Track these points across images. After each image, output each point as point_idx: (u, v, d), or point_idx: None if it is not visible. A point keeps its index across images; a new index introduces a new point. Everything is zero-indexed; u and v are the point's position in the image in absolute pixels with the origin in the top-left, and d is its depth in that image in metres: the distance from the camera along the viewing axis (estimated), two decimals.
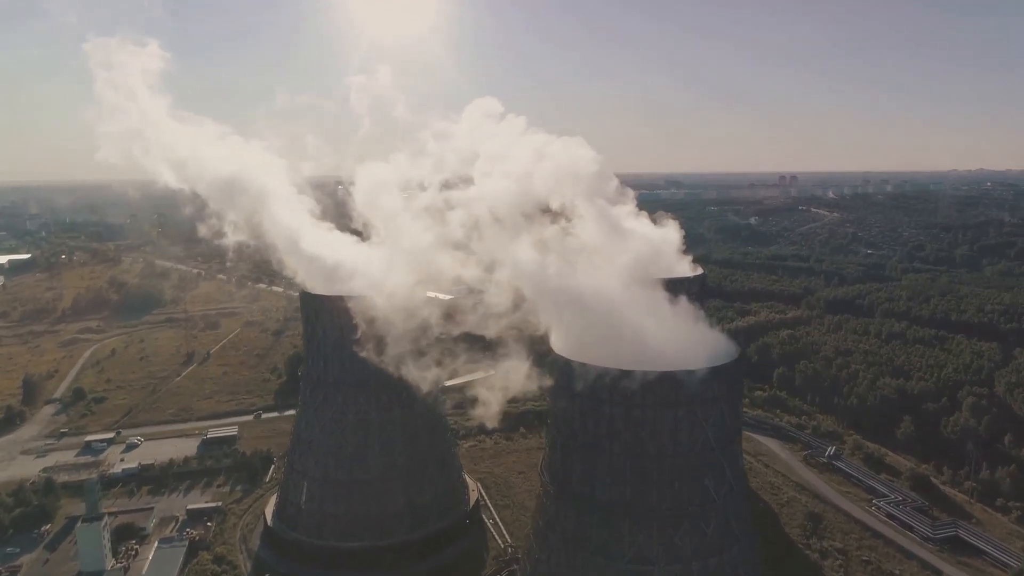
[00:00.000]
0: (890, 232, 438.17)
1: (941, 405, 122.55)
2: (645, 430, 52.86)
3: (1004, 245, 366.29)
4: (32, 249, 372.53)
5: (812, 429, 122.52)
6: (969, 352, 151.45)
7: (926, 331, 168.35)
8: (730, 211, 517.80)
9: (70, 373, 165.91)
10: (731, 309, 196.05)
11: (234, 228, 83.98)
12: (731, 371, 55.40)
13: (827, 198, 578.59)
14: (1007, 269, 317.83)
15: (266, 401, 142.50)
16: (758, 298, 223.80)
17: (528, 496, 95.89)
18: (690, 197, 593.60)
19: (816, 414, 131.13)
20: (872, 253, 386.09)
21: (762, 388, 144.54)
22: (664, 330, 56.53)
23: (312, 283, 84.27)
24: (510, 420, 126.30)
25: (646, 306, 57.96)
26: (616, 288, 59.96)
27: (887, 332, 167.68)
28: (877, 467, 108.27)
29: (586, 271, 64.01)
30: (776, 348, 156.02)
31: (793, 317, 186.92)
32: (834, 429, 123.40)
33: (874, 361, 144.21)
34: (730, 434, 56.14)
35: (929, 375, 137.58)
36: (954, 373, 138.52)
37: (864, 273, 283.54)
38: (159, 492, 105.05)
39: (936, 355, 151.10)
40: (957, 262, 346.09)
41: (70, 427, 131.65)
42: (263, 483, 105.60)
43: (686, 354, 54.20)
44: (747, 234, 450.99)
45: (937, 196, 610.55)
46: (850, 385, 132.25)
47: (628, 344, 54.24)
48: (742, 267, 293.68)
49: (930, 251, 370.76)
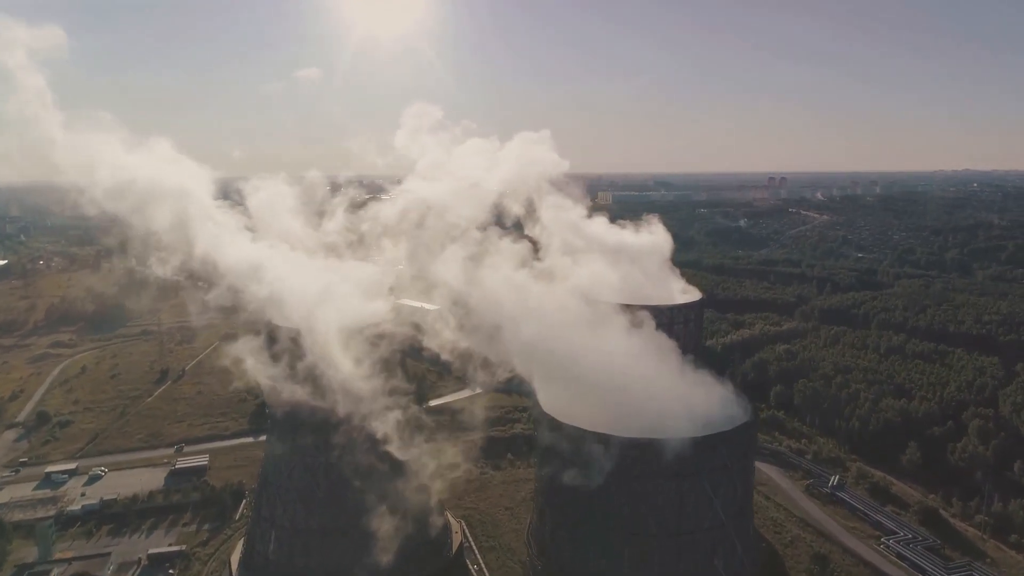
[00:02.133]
0: (880, 235, 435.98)
1: (946, 429, 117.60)
2: (645, 504, 46.86)
3: (995, 248, 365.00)
4: (9, 254, 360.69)
5: (813, 454, 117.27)
6: (971, 368, 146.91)
7: (925, 345, 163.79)
8: (719, 213, 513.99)
9: (36, 393, 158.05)
10: (725, 321, 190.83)
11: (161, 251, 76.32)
12: (742, 436, 49.45)
13: (816, 200, 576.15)
14: (999, 274, 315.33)
15: (240, 425, 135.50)
16: (751, 308, 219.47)
17: (515, 537, 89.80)
18: (680, 199, 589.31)
19: (816, 437, 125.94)
20: (863, 257, 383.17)
21: (759, 408, 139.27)
22: (666, 389, 50.40)
23: (271, 311, 77.51)
24: (497, 446, 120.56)
25: (645, 362, 51.77)
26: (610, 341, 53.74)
27: (885, 346, 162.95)
28: (883, 498, 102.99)
29: (574, 319, 57.66)
30: (773, 365, 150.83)
31: (789, 329, 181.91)
32: (836, 454, 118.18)
33: (874, 379, 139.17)
34: (741, 504, 50.23)
35: (931, 394, 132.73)
36: (957, 392, 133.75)
37: (856, 279, 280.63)
38: (120, 532, 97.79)
39: (937, 371, 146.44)
40: (948, 266, 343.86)
41: (31, 455, 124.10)
42: (232, 522, 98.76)
43: (692, 415, 48.12)
44: (737, 237, 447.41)
45: (925, 198, 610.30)
46: (851, 406, 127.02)
47: (626, 405, 48.09)
48: (733, 273, 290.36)
49: (921, 255, 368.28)
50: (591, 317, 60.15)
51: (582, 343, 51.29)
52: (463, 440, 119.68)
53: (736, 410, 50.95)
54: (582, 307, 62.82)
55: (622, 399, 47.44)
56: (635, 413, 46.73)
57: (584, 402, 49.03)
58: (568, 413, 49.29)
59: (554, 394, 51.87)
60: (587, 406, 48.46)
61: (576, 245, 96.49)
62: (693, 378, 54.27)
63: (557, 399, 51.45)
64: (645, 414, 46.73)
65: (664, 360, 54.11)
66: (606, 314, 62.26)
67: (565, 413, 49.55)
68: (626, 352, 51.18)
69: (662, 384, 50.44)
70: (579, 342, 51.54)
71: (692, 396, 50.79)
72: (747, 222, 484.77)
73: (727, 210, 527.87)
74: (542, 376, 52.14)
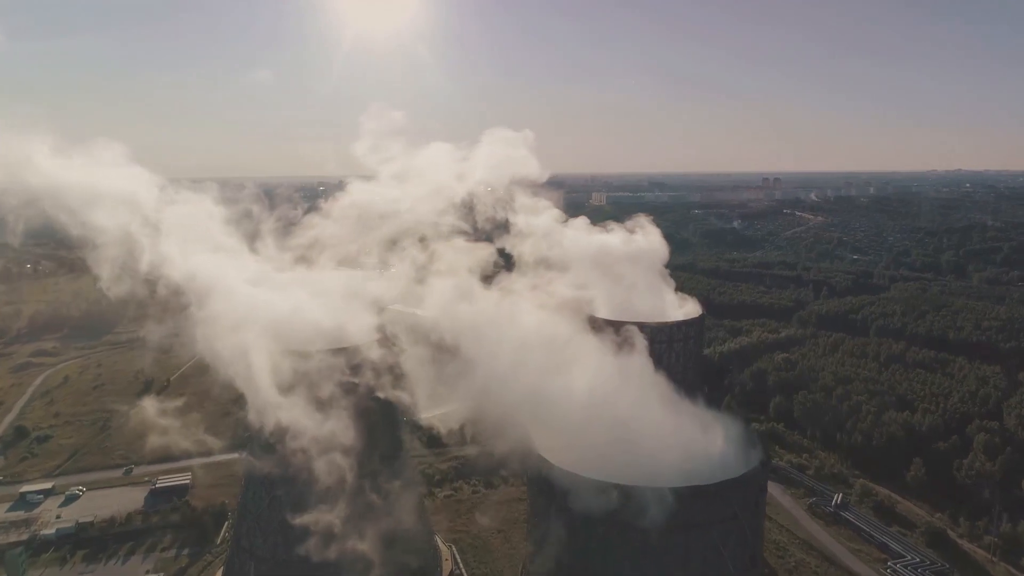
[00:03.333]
0: (875, 236, 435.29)
1: (951, 444, 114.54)
2: (648, 559, 43.20)
3: (989, 251, 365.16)
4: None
5: (815, 470, 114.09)
6: (973, 378, 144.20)
7: (925, 353, 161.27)
8: (714, 214, 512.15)
9: (16, 405, 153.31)
10: (722, 328, 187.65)
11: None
12: (754, 481, 45.90)
13: (810, 201, 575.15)
14: (994, 276, 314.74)
15: (224, 440, 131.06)
16: (748, 313, 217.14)
17: (508, 563, 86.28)
18: (674, 200, 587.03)
19: (818, 451, 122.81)
20: (858, 259, 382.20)
21: (758, 420, 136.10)
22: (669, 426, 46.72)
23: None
24: (490, 461, 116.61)
25: (644, 394, 48.06)
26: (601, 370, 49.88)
27: (885, 354, 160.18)
28: (888, 517, 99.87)
29: (554, 346, 53.56)
30: (772, 375, 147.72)
31: (787, 336, 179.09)
32: (838, 469, 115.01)
33: (876, 390, 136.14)
34: (753, 556, 46.70)
35: (934, 406, 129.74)
36: (960, 404, 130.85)
37: (853, 282, 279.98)
38: (96, 558, 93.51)
39: (939, 381, 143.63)
40: (943, 268, 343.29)
41: (5, 474, 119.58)
42: (213, 546, 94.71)
43: (697, 457, 44.50)
44: (732, 239, 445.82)
45: (919, 199, 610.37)
46: (853, 420, 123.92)
47: (626, 450, 44.40)
48: (729, 276, 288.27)
49: (916, 257, 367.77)
50: (575, 341, 56.33)
51: (567, 376, 47.48)
52: (453, 456, 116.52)
53: (744, 449, 47.30)
54: (562, 329, 58.97)
55: (619, 439, 43.69)
56: (635, 456, 42.97)
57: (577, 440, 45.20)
58: (561, 452, 45.48)
59: (544, 429, 47.97)
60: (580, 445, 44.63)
61: (558, 255, 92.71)
62: (696, 412, 50.64)
63: (548, 433, 47.55)
64: (647, 457, 43.03)
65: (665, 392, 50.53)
66: (592, 337, 58.45)
67: (558, 453, 45.78)
68: (620, 384, 47.42)
69: (664, 421, 46.74)
70: (563, 375, 47.69)
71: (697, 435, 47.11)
72: (741, 223, 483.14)
73: (721, 211, 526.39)
74: (527, 414, 48.31)
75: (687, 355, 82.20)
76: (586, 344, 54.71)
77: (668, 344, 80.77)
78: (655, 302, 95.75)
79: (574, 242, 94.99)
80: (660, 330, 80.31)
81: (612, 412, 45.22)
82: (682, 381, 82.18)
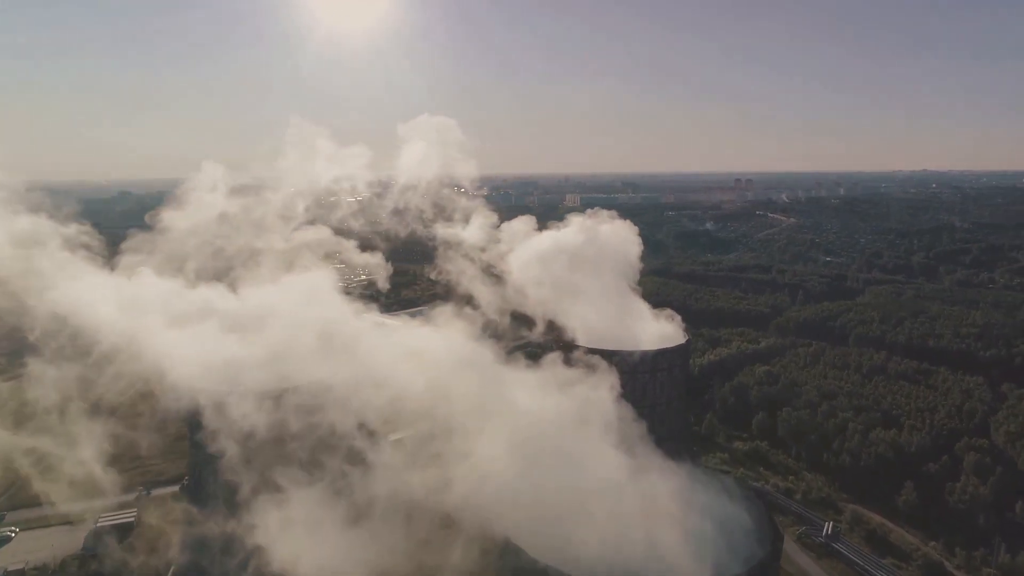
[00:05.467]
0: (847, 238, 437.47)
1: (942, 465, 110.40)
2: None
3: (959, 252, 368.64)
4: None
5: (803, 494, 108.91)
6: (957, 391, 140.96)
7: (908, 363, 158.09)
8: (686, 216, 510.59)
9: None
10: (700, 338, 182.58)
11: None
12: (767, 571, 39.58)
13: (782, 202, 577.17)
14: (965, 278, 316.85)
15: (178, 469, 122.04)
16: (725, 320, 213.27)
17: None
18: (647, 201, 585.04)
19: (804, 472, 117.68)
20: (831, 261, 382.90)
21: (741, 437, 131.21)
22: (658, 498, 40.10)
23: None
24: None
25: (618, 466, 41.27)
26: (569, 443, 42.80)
27: (867, 366, 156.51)
28: (882, 548, 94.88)
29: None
30: (754, 389, 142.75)
31: (767, 347, 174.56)
32: (826, 493, 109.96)
33: (861, 405, 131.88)
34: None
35: (920, 422, 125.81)
36: (947, 419, 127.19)
37: (827, 285, 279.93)
38: None
39: (923, 394, 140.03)
40: (915, 271, 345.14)
41: None
42: None
43: (699, 542, 37.91)
44: (706, 240, 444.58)
45: (888, 199, 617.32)
46: (840, 439, 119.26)
47: (614, 542, 37.55)
48: (704, 281, 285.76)
49: (888, 259, 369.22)
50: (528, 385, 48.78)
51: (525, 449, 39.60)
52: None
53: (750, 531, 40.47)
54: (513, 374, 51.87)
55: (587, 517, 36.69)
56: (615, 541, 36.03)
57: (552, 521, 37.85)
58: (541, 544, 37.89)
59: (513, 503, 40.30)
60: (564, 535, 37.32)
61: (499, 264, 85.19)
62: (684, 476, 43.72)
63: (518, 512, 39.86)
64: (631, 543, 36.17)
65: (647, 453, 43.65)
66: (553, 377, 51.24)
67: (537, 544, 38.17)
68: (586, 445, 40.08)
69: (648, 495, 39.70)
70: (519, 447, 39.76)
71: (694, 510, 40.33)
72: (715, 225, 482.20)
73: (694, 213, 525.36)
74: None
75: (672, 386, 75.96)
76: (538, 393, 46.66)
77: (650, 374, 74.42)
78: (628, 320, 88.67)
79: (519, 248, 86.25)
80: (640, 359, 73.87)
81: (575, 480, 38.05)
82: (666, 416, 76.06)
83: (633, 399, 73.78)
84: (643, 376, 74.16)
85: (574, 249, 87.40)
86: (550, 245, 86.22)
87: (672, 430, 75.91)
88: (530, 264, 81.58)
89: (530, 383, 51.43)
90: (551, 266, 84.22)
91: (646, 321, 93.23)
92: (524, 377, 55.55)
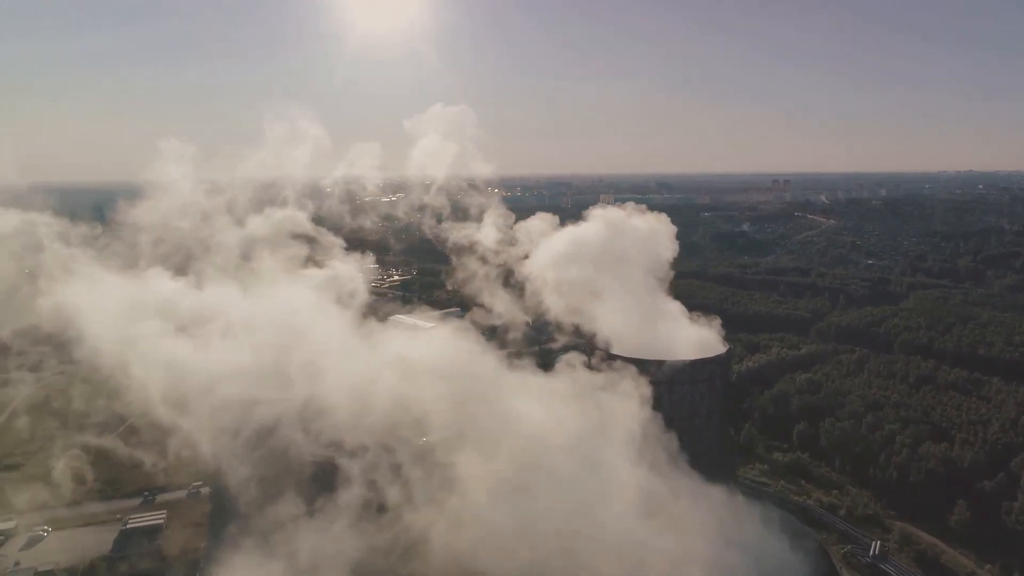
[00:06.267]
0: (889, 240, 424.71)
1: (998, 482, 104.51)
2: None
3: (1008, 256, 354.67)
4: None
5: (847, 510, 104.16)
6: (1012, 403, 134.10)
7: (957, 373, 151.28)
8: (722, 217, 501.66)
9: None
10: (738, 343, 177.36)
11: None
12: None
13: (821, 203, 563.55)
14: (1016, 284, 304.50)
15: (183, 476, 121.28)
16: (764, 325, 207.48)
17: None
18: (682, 202, 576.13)
19: (848, 487, 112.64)
20: (873, 264, 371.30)
21: (781, 448, 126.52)
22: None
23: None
24: None
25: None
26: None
27: (915, 375, 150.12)
28: (933, 570, 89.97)
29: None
30: (795, 398, 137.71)
31: (807, 354, 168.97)
32: (872, 510, 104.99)
33: (909, 417, 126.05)
34: None
35: (973, 436, 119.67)
36: (1001, 433, 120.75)
37: (870, 289, 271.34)
38: None
39: (975, 406, 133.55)
40: (962, 274, 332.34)
41: None
42: None
43: None
44: (743, 242, 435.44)
45: (932, 201, 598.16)
46: (887, 453, 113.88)
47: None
48: (742, 284, 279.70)
49: (933, 262, 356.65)
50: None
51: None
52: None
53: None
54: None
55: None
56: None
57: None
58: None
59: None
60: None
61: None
62: (730, 510, 39.94)
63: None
64: None
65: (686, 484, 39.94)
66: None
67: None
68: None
69: (681, 544, 36.01)
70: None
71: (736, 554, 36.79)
72: (752, 226, 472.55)
73: (731, 214, 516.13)
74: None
75: (712, 398, 72.35)
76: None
77: (690, 384, 70.96)
78: (662, 325, 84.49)
79: (539, 249, 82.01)
80: (676, 369, 70.40)
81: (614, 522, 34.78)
82: (704, 431, 72.58)
83: (670, 412, 70.65)
84: (681, 387, 70.84)
85: (598, 246, 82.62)
86: (570, 243, 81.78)
87: (711, 444, 72.45)
88: (551, 265, 78.06)
89: (541, 398, 47.86)
90: (571, 266, 79.97)
91: (682, 326, 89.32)
92: (533, 390, 52.13)
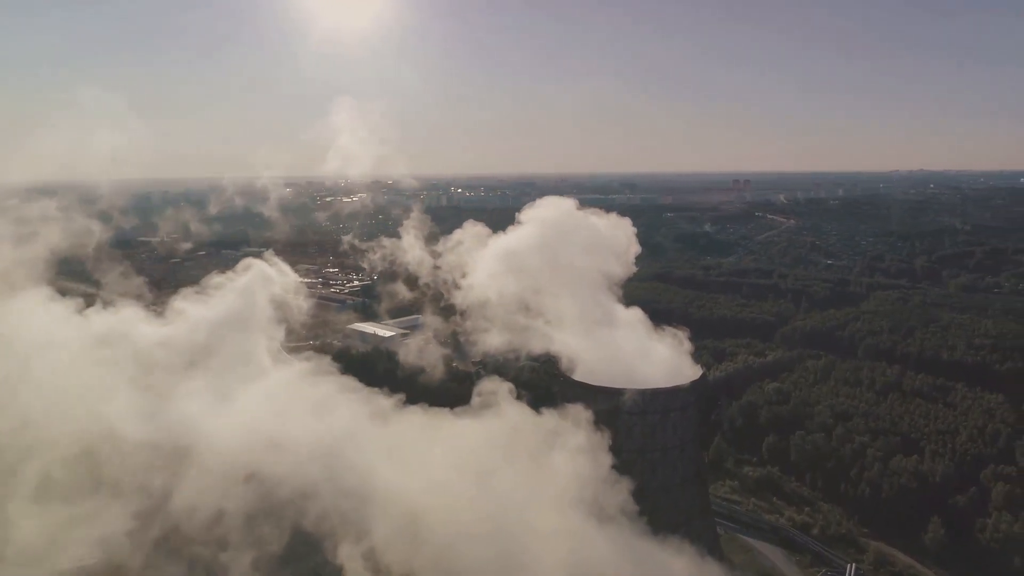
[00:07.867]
0: (847, 240, 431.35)
1: (970, 496, 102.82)
2: None
3: (962, 255, 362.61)
4: None
5: (820, 529, 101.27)
6: (978, 410, 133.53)
7: (923, 379, 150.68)
8: (685, 218, 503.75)
9: None
10: (704, 350, 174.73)
11: None
12: None
13: (780, 203, 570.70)
14: (970, 283, 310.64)
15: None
16: (728, 329, 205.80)
17: None
18: (645, 202, 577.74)
19: (820, 503, 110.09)
20: (833, 264, 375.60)
21: (751, 462, 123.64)
22: None
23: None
24: None
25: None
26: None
27: (880, 382, 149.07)
28: None
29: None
30: (764, 409, 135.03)
31: (774, 361, 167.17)
32: (846, 528, 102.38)
33: (878, 428, 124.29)
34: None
35: (942, 446, 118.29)
36: (970, 443, 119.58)
37: (831, 291, 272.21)
38: None
39: (941, 414, 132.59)
40: (918, 274, 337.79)
41: None
42: None
43: None
44: (705, 243, 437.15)
45: (888, 201, 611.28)
46: (858, 467, 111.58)
47: None
48: (705, 286, 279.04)
49: (890, 262, 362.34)
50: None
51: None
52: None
53: None
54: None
55: None
56: None
57: None
58: None
59: None
60: None
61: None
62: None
63: None
64: None
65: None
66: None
67: None
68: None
69: None
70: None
71: None
72: (713, 227, 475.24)
73: (693, 214, 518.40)
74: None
75: (684, 429, 67.76)
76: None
77: (662, 414, 66.37)
78: (628, 343, 78.72)
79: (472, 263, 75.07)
80: (654, 398, 65.80)
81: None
82: (678, 464, 68.14)
83: (639, 444, 66.10)
84: (654, 416, 66.22)
85: (539, 254, 75.13)
86: (504, 253, 74.29)
87: (686, 478, 67.96)
88: (487, 285, 71.42)
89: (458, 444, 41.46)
90: (511, 278, 72.77)
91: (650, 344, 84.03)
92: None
